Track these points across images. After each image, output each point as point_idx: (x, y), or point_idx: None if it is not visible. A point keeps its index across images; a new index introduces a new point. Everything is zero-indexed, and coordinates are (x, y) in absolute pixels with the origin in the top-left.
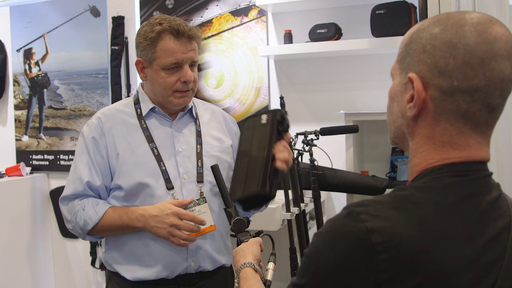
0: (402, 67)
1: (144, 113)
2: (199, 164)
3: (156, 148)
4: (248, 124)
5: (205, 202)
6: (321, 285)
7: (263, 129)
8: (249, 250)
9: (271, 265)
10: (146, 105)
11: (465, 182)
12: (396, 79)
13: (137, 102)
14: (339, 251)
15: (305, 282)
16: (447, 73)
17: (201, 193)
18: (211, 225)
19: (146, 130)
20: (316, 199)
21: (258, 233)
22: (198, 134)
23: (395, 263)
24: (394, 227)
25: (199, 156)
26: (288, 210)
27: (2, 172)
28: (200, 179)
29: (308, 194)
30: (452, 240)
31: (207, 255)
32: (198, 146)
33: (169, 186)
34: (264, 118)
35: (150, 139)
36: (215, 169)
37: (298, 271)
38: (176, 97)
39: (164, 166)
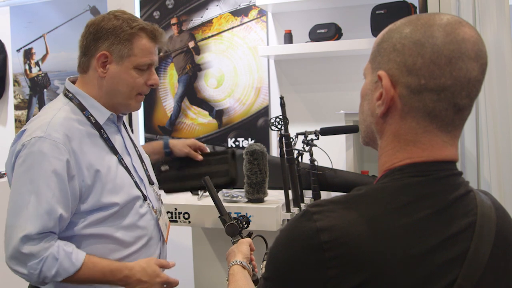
0: (373, 66)
1: (101, 122)
2: (144, 166)
3: (122, 159)
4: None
5: (162, 203)
6: (279, 279)
7: None
8: (239, 249)
9: (265, 264)
10: (101, 112)
11: (423, 182)
12: (368, 78)
13: (82, 108)
14: (293, 249)
15: (268, 276)
16: (415, 71)
17: (159, 195)
18: (168, 225)
19: (108, 141)
20: (316, 199)
21: (249, 235)
22: (130, 137)
23: (342, 260)
24: (343, 226)
25: (141, 158)
26: (288, 210)
27: (2, 172)
28: (151, 181)
29: (308, 194)
30: (400, 239)
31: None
32: (136, 148)
33: (144, 197)
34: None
35: (114, 150)
36: (207, 181)
37: (265, 264)
38: (136, 100)
39: (134, 177)
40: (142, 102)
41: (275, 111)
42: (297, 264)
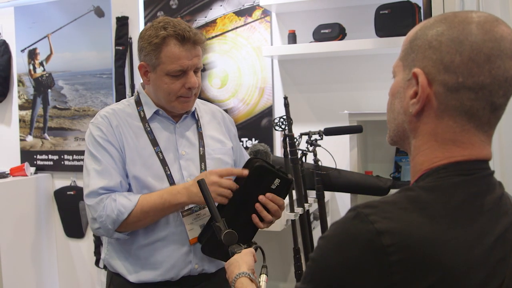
0: (405, 63)
1: (148, 116)
2: (203, 166)
3: (161, 152)
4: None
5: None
6: None
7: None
8: (243, 260)
9: (263, 277)
10: (150, 108)
11: (470, 181)
12: (399, 76)
13: (139, 104)
14: (349, 254)
15: (312, 286)
16: (452, 69)
17: None
18: None
19: (150, 134)
20: (320, 199)
21: (250, 245)
22: (200, 136)
23: (407, 264)
24: (404, 228)
25: (202, 158)
26: (292, 210)
27: (6, 172)
28: None
29: (312, 194)
30: (461, 240)
31: (211, 258)
32: (201, 148)
33: None
34: (276, 182)
35: (154, 142)
36: (201, 184)
37: (304, 275)
38: (179, 102)
39: (169, 170)
40: None
41: (279, 111)
42: (355, 270)
